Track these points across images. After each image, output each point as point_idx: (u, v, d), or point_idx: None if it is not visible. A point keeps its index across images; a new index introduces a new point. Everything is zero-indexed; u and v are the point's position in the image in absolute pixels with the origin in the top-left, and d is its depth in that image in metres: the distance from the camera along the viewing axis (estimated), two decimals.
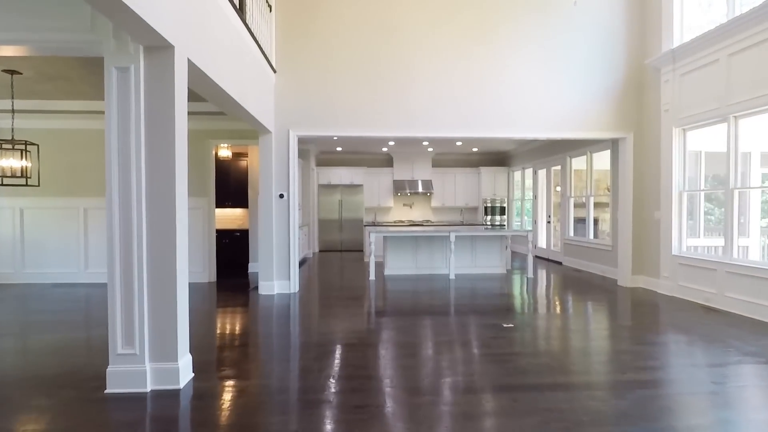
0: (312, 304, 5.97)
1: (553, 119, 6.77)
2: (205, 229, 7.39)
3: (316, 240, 12.42)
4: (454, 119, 6.69)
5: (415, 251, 8.37)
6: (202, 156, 7.39)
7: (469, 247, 8.46)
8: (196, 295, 6.48)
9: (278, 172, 6.48)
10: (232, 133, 7.45)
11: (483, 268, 8.45)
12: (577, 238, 9.28)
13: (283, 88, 6.47)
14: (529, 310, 5.62)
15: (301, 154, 11.07)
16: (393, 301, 6.08)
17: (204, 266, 7.43)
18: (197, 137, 7.38)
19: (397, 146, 11.68)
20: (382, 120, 6.60)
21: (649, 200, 6.76)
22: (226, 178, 8.69)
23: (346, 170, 12.71)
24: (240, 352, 3.98)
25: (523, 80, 6.73)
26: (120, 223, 2.99)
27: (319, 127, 6.53)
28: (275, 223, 6.47)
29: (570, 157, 9.48)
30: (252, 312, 5.50)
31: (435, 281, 7.55)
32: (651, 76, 6.68)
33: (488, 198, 12.96)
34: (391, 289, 6.93)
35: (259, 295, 6.36)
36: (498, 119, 6.73)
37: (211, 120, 7.27)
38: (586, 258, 8.79)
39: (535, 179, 11.16)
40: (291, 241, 6.49)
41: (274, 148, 6.44)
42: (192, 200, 7.33)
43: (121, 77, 2.97)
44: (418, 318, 5.08)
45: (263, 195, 6.42)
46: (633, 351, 3.88)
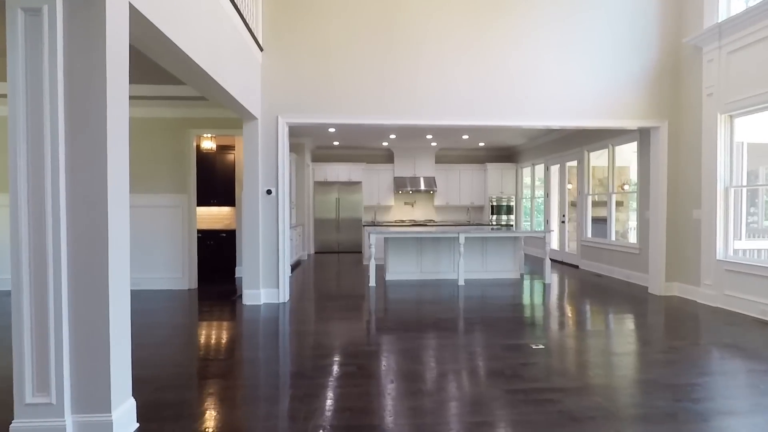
0: (303, 318, 5.16)
1: (576, 107, 5.97)
2: (185, 229, 6.58)
3: (312, 241, 11.61)
4: (465, 106, 5.88)
5: (419, 254, 7.57)
6: (181, 147, 6.57)
7: (479, 249, 7.66)
8: (171, 305, 5.66)
9: (265, 165, 5.66)
10: (216, 121, 6.63)
11: (494, 273, 7.65)
12: (596, 239, 8.49)
13: (271, 68, 5.66)
14: (557, 324, 4.82)
15: (295, 149, 10.27)
16: (396, 313, 5.28)
17: (183, 271, 6.61)
18: (174, 126, 6.56)
19: (399, 140, 10.88)
20: (384, 106, 5.79)
21: (687, 197, 5.96)
22: (210, 174, 7.87)
23: (344, 166, 11.90)
24: (208, 388, 3.16)
25: (541, 63, 5.93)
26: (29, 227, 2.17)
27: (313, 113, 5.72)
28: (262, 223, 5.66)
29: (588, 152, 8.68)
30: (232, 329, 4.69)
31: (442, 288, 6.75)
32: (690, 55, 5.88)
33: (494, 196, 12.17)
34: (394, 298, 6.12)
35: (243, 306, 5.54)
36: (514, 107, 5.92)
37: (190, 106, 6.45)
38: (607, 261, 7.99)
39: (546, 176, 10.36)
40: (280, 243, 5.68)
41: (260, 137, 5.63)
42: (168, 197, 6.52)
43: (29, 23, 2.15)
44: (428, 335, 4.27)
45: (248, 191, 5.61)
46: (703, 384, 3.09)
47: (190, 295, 6.27)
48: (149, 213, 6.54)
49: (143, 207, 6.54)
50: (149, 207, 6.54)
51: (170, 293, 6.33)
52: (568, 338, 4.26)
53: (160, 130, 6.54)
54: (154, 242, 6.55)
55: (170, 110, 6.48)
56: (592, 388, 3.03)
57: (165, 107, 6.44)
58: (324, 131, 9.60)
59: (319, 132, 9.69)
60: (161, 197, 6.54)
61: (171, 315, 5.19)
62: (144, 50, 3.14)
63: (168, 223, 6.57)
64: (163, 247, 6.56)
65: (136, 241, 6.54)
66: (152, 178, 6.54)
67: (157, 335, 4.34)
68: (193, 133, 6.62)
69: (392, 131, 9.62)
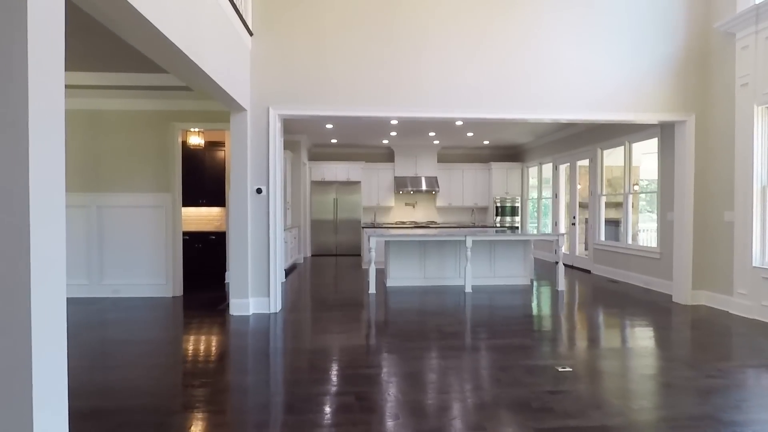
0: (296, 332, 4.63)
1: (593, 99, 5.46)
2: (169, 232, 6.04)
3: (309, 243, 11.08)
4: (472, 98, 5.36)
5: (422, 258, 7.05)
6: (164, 143, 6.04)
7: (486, 253, 7.14)
8: (150, 315, 5.13)
9: (255, 161, 5.14)
10: (203, 115, 6.11)
11: (503, 279, 7.14)
12: (610, 242, 7.98)
13: (262, 55, 5.14)
14: (580, 340, 4.30)
15: (290, 147, 9.75)
16: (399, 325, 4.75)
17: (167, 277, 6.07)
18: (157, 119, 6.03)
19: (400, 138, 10.37)
20: (385, 97, 5.27)
21: (718, 198, 5.45)
22: (199, 172, 7.35)
23: (342, 165, 11.38)
24: (179, 424, 2.63)
25: (556, 51, 5.42)
26: None
27: (307, 105, 5.19)
28: (251, 225, 5.14)
29: (601, 149, 8.18)
30: (215, 345, 4.16)
31: (448, 295, 6.23)
32: (720, 42, 5.38)
33: (498, 197, 11.65)
34: (396, 307, 5.60)
35: (230, 317, 5.02)
36: (525, 99, 5.41)
37: (174, 98, 5.93)
38: (622, 266, 7.48)
39: (555, 175, 9.86)
40: (271, 248, 5.16)
41: (249, 130, 5.10)
42: (151, 197, 6.00)
43: None
44: (436, 354, 3.75)
45: (236, 190, 5.09)
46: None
47: (174, 304, 5.74)
48: (129, 214, 6.01)
49: (122, 207, 6.01)
50: (129, 207, 6.01)
51: (152, 301, 5.81)
52: (596, 357, 3.74)
53: (141, 124, 6.01)
54: (134, 246, 6.02)
55: (152, 102, 5.95)
56: (642, 428, 2.51)
57: (146, 99, 5.91)
58: (321, 128, 9.08)
59: (315, 128, 9.17)
60: (142, 197, 6.01)
61: (148, 328, 4.66)
62: (104, 21, 2.61)
63: (150, 225, 6.04)
64: (144, 251, 6.03)
65: (115, 244, 6.02)
66: (132, 176, 6.01)
67: (126, 354, 3.81)
68: (178, 127, 6.09)
69: (393, 128, 9.10)
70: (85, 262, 6.00)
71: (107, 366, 3.54)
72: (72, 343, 1.91)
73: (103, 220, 6.00)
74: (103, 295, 6.01)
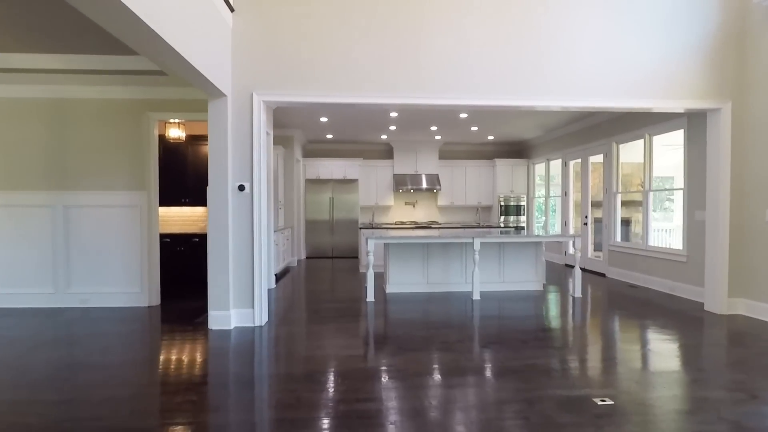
0: (284, 352, 4.03)
1: (617, 84, 4.86)
2: (144, 234, 5.43)
3: (303, 245, 10.47)
4: (483, 82, 4.76)
5: (425, 262, 6.45)
6: (138, 135, 5.42)
7: (495, 257, 6.55)
8: (116, 329, 4.50)
9: (237, 154, 4.53)
10: (183, 104, 5.48)
11: (513, 284, 6.55)
12: (627, 244, 7.39)
13: (245, 34, 4.52)
14: (614, 360, 3.70)
15: (283, 142, 9.15)
16: (402, 342, 4.14)
17: (142, 285, 5.46)
18: (130, 109, 5.42)
19: (399, 133, 9.76)
20: (387, 81, 4.67)
21: (758, 195, 4.87)
22: (180, 168, 6.73)
23: (338, 162, 10.77)
24: None
25: (577, 30, 4.82)
26: None
27: (297, 90, 4.58)
28: (233, 227, 4.53)
29: (617, 144, 7.59)
30: (186, 369, 3.54)
31: (454, 303, 5.64)
32: (761, 20, 4.79)
33: (503, 195, 11.06)
34: (398, 318, 5.00)
35: (209, 332, 4.41)
36: (541, 83, 4.81)
37: (149, 84, 5.31)
38: (642, 270, 6.90)
39: (564, 172, 9.27)
40: (255, 252, 4.55)
41: (230, 118, 4.49)
42: (123, 196, 5.39)
43: None
44: (447, 381, 3.15)
45: (214, 187, 4.48)
46: None
47: (148, 315, 5.13)
48: (100, 214, 5.40)
49: (92, 207, 5.40)
50: (100, 207, 5.39)
51: (125, 313, 5.19)
52: (637, 384, 3.14)
53: (112, 114, 5.39)
54: (106, 250, 5.41)
55: (124, 89, 5.33)
56: None
57: (117, 85, 5.29)
58: (315, 121, 8.47)
59: (309, 122, 8.56)
60: (114, 195, 5.39)
61: (112, 347, 4.04)
62: None
63: (123, 227, 5.43)
64: (117, 255, 5.42)
65: (84, 248, 5.41)
66: (103, 172, 5.39)
67: (78, 382, 3.20)
68: (154, 117, 5.47)
69: (392, 122, 8.49)
70: (51, 268, 5.38)
71: (48, 401, 2.92)
72: (20, 364, 1.29)
73: (70, 221, 5.38)
74: (70, 304, 5.40)
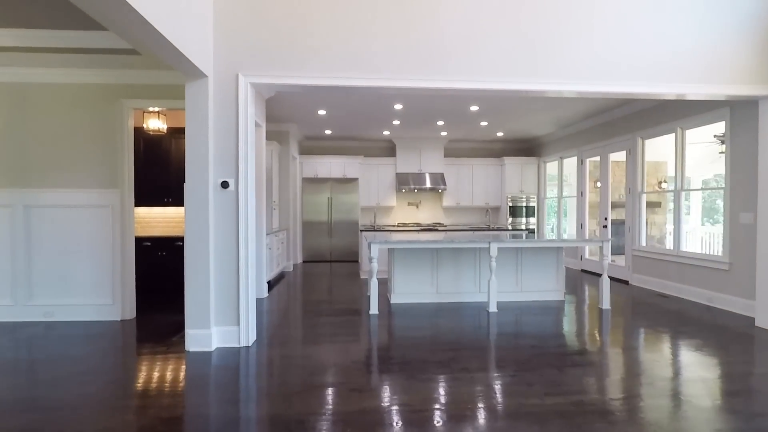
0: (272, 383, 3.36)
1: (654, 66, 4.21)
2: (117, 238, 4.77)
3: (299, 248, 9.81)
4: (504, 63, 4.10)
5: (434, 269, 5.80)
6: (110, 125, 4.77)
7: (512, 263, 5.90)
8: (78, 350, 3.82)
9: (220, 145, 3.87)
10: (162, 90, 4.83)
11: (532, 294, 5.90)
12: (655, 249, 6.74)
13: (229, 6, 3.86)
14: (667, 392, 3.05)
15: (278, 138, 8.49)
16: (413, 368, 3.48)
17: (114, 296, 4.80)
18: (100, 95, 4.76)
19: (403, 128, 9.10)
20: (391, 61, 4.01)
21: None
22: (162, 164, 6.06)
23: (338, 160, 10.12)
24: None
25: (602, 4, 4.17)
26: None
27: (289, 70, 3.92)
28: (214, 230, 3.87)
29: (642, 139, 6.95)
30: (150, 411, 2.88)
31: (467, 316, 4.99)
32: None
33: (511, 195, 10.42)
34: (406, 335, 4.34)
35: (187, 354, 3.75)
36: (573, 64, 4.16)
37: (121, 67, 4.65)
38: (674, 278, 6.25)
39: (580, 171, 8.62)
40: (242, 259, 3.89)
41: (212, 103, 3.83)
42: (93, 194, 4.74)
43: None
44: (476, 430, 2.50)
45: (193, 184, 3.81)
46: None
47: (121, 331, 4.46)
48: (66, 215, 4.74)
49: (57, 207, 4.73)
50: (66, 207, 4.73)
51: (94, 328, 4.54)
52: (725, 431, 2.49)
53: (80, 101, 4.73)
54: (73, 256, 4.74)
55: (92, 73, 4.67)
56: None
57: (84, 68, 4.63)
58: (312, 114, 7.82)
59: (305, 115, 7.90)
60: (83, 194, 4.73)
61: (65, 376, 3.37)
62: None
63: (93, 230, 4.76)
64: (86, 262, 4.76)
65: (48, 254, 4.74)
66: (69, 167, 4.73)
67: (7, 428, 2.53)
68: (129, 105, 4.81)
69: (396, 115, 7.84)
70: (9, 276, 4.72)
71: None
72: None
73: (32, 223, 4.72)
74: (32, 318, 4.73)
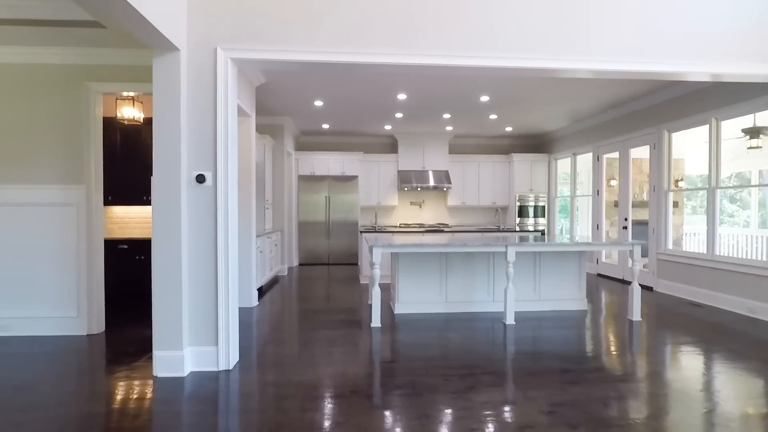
0: (256, 418, 2.75)
1: (702, 43, 3.62)
2: (82, 240, 4.16)
3: (295, 250, 9.20)
4: (533, 35, 3.50)
5: (442, 275, 5.20)
6: (74, 112, 4.16)
7: (529, 269, 5.30)
8: (27, 375, 3.18)
9: (194, 132, 3.26)
10: (134, 72, 4.22)
11: (551, 303, 5.30)
12: (685, 252, 6.14)
13: None
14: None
15: (271, 132, 7.89)
16: (428, 402, 2.87)
17: (79, 308, 4.19)
18: (60, 77, 4.16)
19: (406, 122, 8.50)
20: (398, 33, 3.41)
21: None
22: (139, 157, 5.44)
23: (336, 157, 9.51)
24: None
25: None
26: None
27: (277, 44, 3.31)
28: (188, 232, 3.26)
29: (669, 132, 6.36)
30: None
31: (481, 329, 4.39)
32: None
33: (518, 194, 9.81)
34: (414, 354, 3.73)
35: (155, 380, 3.14)
36: (608, 39, 3.56)
37: (86, 45, 4.03)
38: (706, 285, 5.65)
39: (596, 168, 8.03)
40: (221, 267, 3.28)
41: (185, 82, 3.22)
42: (52, 191, 4.13)
43: None
44: None
45: (161, 177, 3.20)
46: None
47: (86, 348, 3.86)
48: (22, 215, 4.13)
49: (12, 206, 4.13)
50: (22, 205, 4.12)
51: (55, 344, 3.93)
52: None
53: (38, 85, 4.12)
54: (31, 262, 4.14)
55: (52, 52, 4.06)
56: None
57: (42, 45, 4.01)
58: (308, 105, 7.21)
59: (300, 107, 7.29)
60: (42, 191, 4.12)
61: (2, 407, 2.76)
62: None
63: (55, 232, 4.16)
64: (46, 269, 4.15)
65: (2, 260, 4.14)
66: (25, 160, 4.13)
67: None
68: (95, 89, 4.20)
69: (400, 106, 7.24)
70: None
71: None
72: None
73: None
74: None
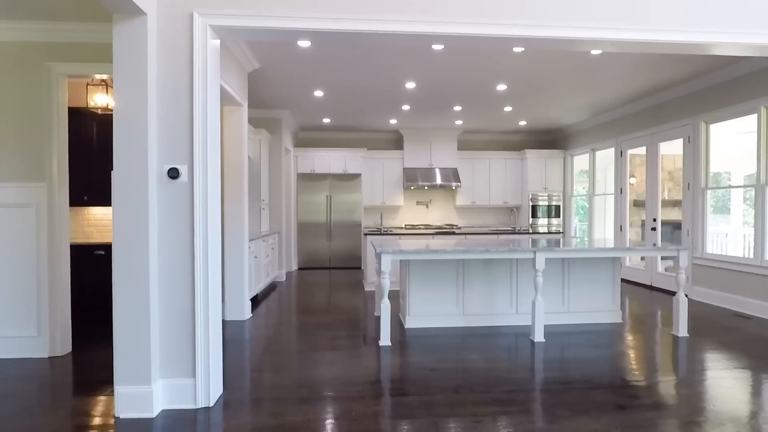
0: None
1: None
2: (43, 247, 3.57)
3: (294, 254, 8.61)
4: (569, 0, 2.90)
5: (459, 284, 4.61)
6: (33, 98, 3.57)
7: (557, 277, 4.70)
8: None
9: (165, 117, 2.66)
10: (105, 50, 3.62)
11: (582, 315, 4.70)
12: (726, 257, 5.53)
13: None
14: None
15: (268, 126, 7.31)
16: None
17: (39, 326, 3.59)
18: (15, 57, 3.57)
19: (413, 115, 7.90)
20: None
21: None
22: None
23: (338, 153, 8.92)
24: None
25: None
26: None
27: (264, 7, 2.71)
28: (158, 238, 2.66)
29: (706, 123, 5.75)
30: None
31: (505, 348, 3.80)
32: None
33: (531, 193, 9.21)
34: (428, 380, 3.12)
35: (117, 422, 2.54)
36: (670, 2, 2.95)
37: (46, 18, 3.43)
38: (753, 294, 5.05)
39: (619, 165, 7.42)
40: (199, 280, 2.68)
41: (153, 55, 2.62)
42: (7, 190, 3.54)
43: None
44: None
45: (123, 173, 2.60)
46: None
47: (44, 375, 3.27)
48: None
49: None
50: None
51: (8, 370, 3.34)
52: None
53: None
54: None
55: (3, 26, 3.46)
56: None
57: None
58: (308, 97, 6.61)
59: (299, 98, 6.69)
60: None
61: None
62: None
63: (11, 236, 3.56)
64: (0, 280, 3.56)
65: None
66: None
67: None
68: (58, 71, 3.60)
69: (408, 97, 6.64)
70: None
71: None
72: None
73: None
74: None
